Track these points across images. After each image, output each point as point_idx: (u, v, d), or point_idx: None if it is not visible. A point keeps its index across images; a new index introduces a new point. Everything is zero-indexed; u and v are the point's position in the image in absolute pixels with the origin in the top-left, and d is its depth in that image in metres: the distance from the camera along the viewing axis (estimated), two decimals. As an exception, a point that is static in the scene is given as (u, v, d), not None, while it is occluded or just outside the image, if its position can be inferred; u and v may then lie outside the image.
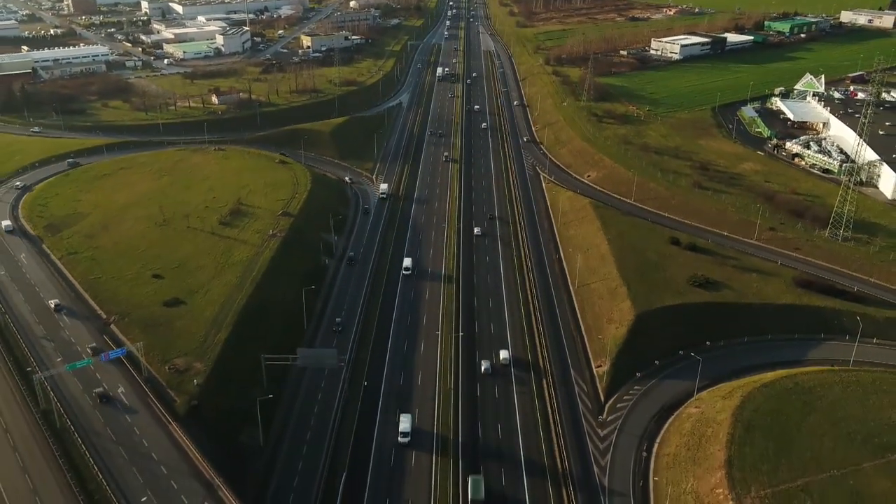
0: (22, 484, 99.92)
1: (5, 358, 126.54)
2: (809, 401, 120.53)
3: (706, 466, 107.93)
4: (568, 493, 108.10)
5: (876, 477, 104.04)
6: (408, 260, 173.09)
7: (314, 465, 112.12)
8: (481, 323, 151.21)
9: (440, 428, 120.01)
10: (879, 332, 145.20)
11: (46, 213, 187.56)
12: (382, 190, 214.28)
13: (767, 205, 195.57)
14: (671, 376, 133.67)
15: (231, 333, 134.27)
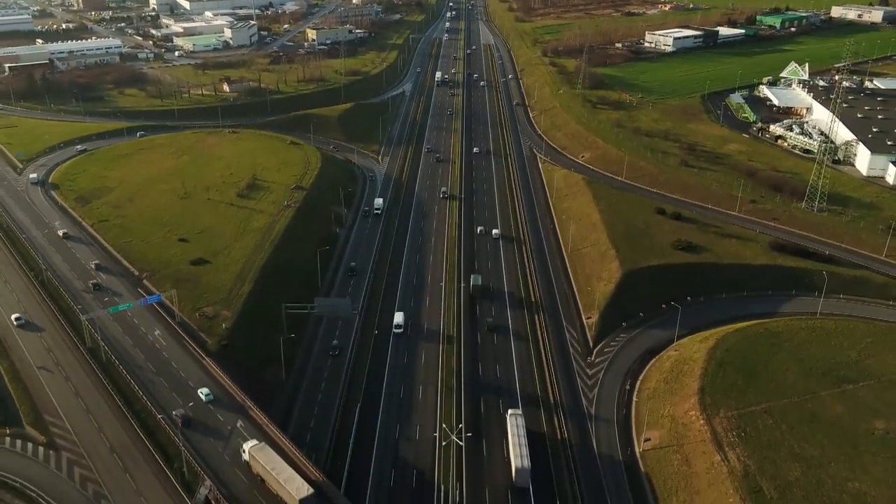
0: (76, 404, 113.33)
1: (52, 308, 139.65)
2: (777, 343, 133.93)
3: (681, 395, 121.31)
4: (559, 419, 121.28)
5: (832, 402, 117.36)
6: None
7: (332, 396, 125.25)
8: (483, 280, 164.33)
9: (444, 361, 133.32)
10: (846, 288, 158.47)
11: (76, 186, 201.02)
12: (377, 205, 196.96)
13: (749, 180, 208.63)
14: (654, 326, 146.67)
15: (254, 287, 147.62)
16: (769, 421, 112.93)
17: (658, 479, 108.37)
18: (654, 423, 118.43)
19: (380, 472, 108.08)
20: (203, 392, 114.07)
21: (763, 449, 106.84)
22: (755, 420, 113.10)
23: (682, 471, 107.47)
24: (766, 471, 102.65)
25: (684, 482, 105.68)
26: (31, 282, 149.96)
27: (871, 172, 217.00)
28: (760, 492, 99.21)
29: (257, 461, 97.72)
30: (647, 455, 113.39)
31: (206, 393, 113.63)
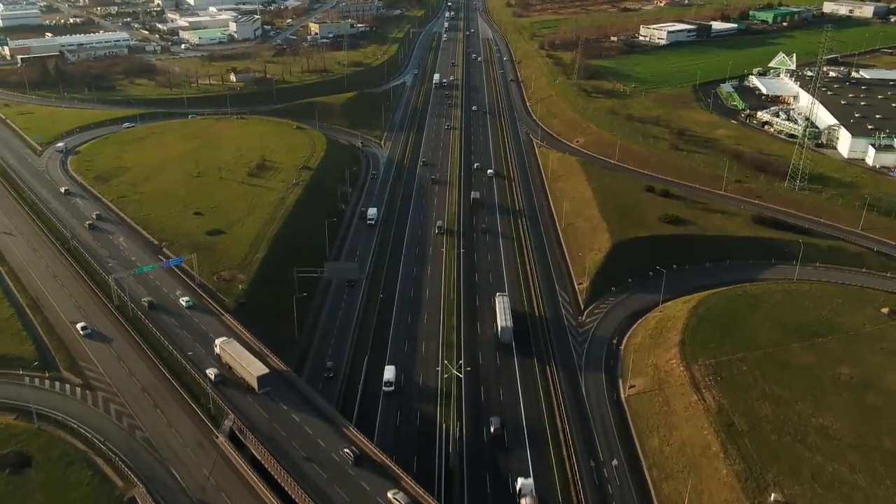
0: (108, 352, 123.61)
1: (79, 271, 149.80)
2: (754, 303, 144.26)
3: (664, 347, 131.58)
4: (551, 371, 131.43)
5: (802, 353, 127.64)
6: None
7: (341, 349, 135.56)
8: (480, 255, 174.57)
9: (445, 327, 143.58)
10: (822, 257, 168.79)
11: (93, 167, 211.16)
12: (371, 216, 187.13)
13: (736, 162, 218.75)
14: (641, 291, 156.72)
15: (267, 254, 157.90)
16: (743, 368, 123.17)
17: (641, 419, 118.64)
18: (638, 372, 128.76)
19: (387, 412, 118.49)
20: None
21: (736, 391, 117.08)
22: (730, 367, 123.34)
23: (663, 410, 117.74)
24: (738, 408, 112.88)
25: (664, 420, 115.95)
26: (59, 250, 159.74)
27: (851, 155, 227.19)
28: (732, 425, 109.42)
29: (226, 352, 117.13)
30: (632, 399, 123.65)
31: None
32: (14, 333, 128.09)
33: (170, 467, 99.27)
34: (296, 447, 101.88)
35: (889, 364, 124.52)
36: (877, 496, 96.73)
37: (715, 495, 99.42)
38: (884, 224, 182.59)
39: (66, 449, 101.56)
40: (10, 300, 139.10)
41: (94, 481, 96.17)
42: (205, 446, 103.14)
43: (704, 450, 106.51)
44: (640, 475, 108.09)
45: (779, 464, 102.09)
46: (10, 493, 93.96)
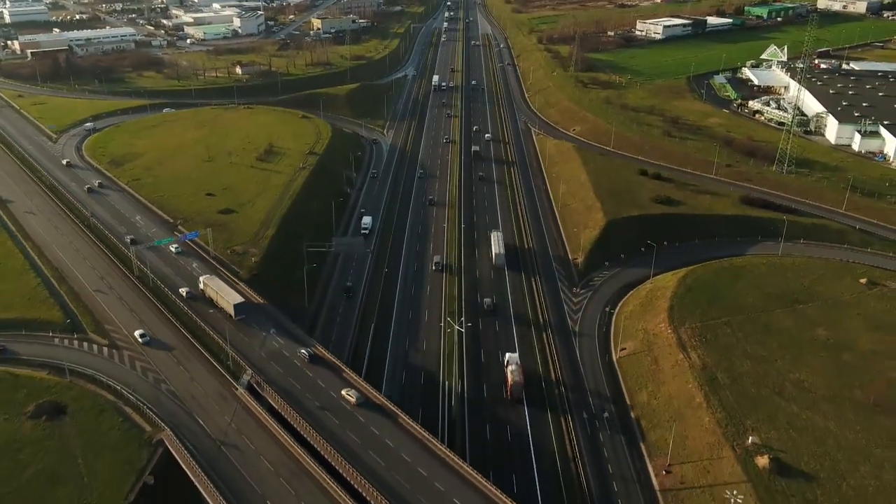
0: (131, 317, 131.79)
1: (100, 245, 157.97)
2: (740, 274, 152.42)
3: (653, 313, 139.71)
4: (547, 335, 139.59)
5: (783, 317, 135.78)
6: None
7: (349, 319, 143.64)
8: (478, 231, 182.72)
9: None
10: (806, 234, 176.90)
11: (107, 152, 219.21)
12: (365, 224, 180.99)
13: (726, 148, 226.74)
14: (633, 265, 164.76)
15: (277, 231, 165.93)
16: (727, 330, 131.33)
17: (631, 377, 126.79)
18: (629, 336, 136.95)
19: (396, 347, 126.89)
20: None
21: (720, 350, 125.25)
22: (715, 330, 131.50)
23: (651, 369, 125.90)
24: (721, 365, 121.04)
25: (652, 377, 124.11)
26: (80, 227, 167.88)
27: (838, 141, 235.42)
28: (715, 380, 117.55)
29: (209, 287, 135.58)
30: (623, 360, 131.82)
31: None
32: (42, 300, 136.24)
33: (194, 415, 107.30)
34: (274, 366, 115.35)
35: (864, 327, 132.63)
36: (846, 439, 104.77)
37: (698, 440, 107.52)
38: (866, 204, 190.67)
39: (97, 399, 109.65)
40: (36, 271, 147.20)
41: (124, 426, 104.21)
42: (226, 397, 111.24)
43: (689, 401, 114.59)
44: (630, 425, 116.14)
45: (757, 412, 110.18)
46: (47, 436, 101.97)
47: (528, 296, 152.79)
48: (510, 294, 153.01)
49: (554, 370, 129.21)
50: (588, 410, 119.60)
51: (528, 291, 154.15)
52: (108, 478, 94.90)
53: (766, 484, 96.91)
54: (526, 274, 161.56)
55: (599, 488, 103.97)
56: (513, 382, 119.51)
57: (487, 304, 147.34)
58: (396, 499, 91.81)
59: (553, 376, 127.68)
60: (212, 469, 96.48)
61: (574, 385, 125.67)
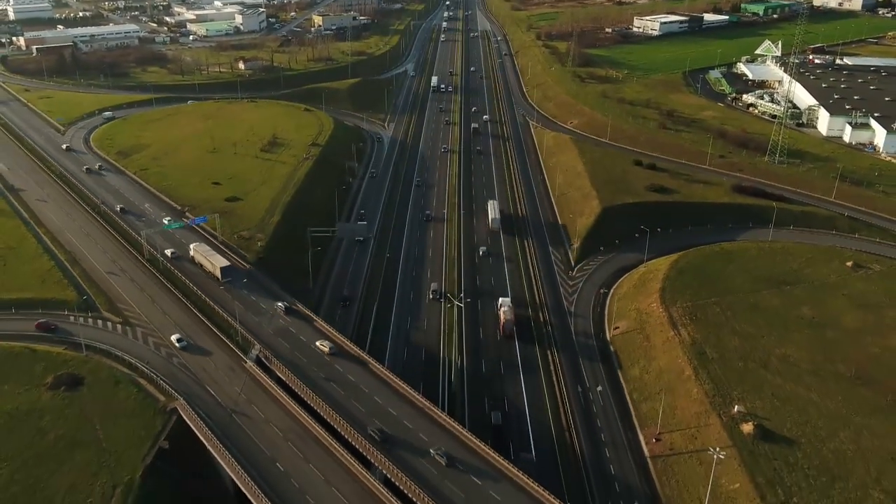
0: (142, 297, 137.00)
1: (111, 231, 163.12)
2: (730, 258, 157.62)
3: (646, 294, 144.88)
4: (544, 315, 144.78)
5: (770, 297, 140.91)
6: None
7: (352, 299, 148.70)
8: (477, 215, 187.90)
9: (447, 287, 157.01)
10: (796, 221, 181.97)
11: (115, 144, 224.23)
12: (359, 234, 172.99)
13: (720, 140, 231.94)
14: (628, 250, 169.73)
15: (282, 217, 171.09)
16: (716, 310, 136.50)
17: (624, 353, 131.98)
18: (622, 316, 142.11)
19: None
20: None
21: (709, 327, 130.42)
22: (705, 309, 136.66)
23: (643, 345, 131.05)
24: (710, 341, 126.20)
25: (644, 353, 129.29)
26: (91, 214, 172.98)
27: (830, 133, 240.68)
28: (704, 354, 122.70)
29: (198, 253, 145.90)
30: (616, 339, 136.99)
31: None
32: (57, 282, 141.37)
33: (206, 386, 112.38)
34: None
35: (849, 307, 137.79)
36: (828, 408, 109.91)
37: (686, 410, 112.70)
38: (855, 192, 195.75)
39: (113, 371, 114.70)
40: (49, 255, 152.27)
41: (139, 396, 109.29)
42: (235, 370, 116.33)
43: (678, 374, 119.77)
44: (622, 398, 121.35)
45: (743, 384, 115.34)
46: (66, 406, 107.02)
47: (525, 279, 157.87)
48: (507, 277, 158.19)
49: (550, 352, 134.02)
50: (582, 385, 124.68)
51: (525, 275, 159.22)
52: (125, 443, 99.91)
53: (751, 448, 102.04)
54: (523, 258, 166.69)
55: (592, 455, 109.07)
56: (505, 320, 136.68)
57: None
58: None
59: (549, 354, 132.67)
60: (224, 435, 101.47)
61: (569, 362, 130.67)
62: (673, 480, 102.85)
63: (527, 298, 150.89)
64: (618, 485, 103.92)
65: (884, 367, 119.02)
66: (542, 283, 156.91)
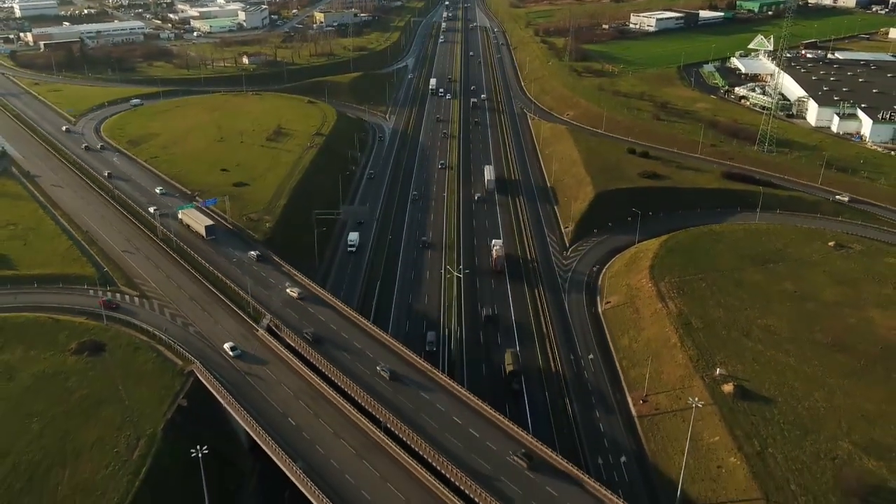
0: (157, 273, 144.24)
1: (126, 215, 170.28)
2: (718, 238, 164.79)
3: (636, 271, 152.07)
4: (539, 290, 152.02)
5: (754, 273, 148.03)
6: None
7: (356, 276, 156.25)
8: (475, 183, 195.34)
9: (446, 238, 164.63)
10: (782, 205, 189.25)
11: (125, 133, 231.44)
12: (352, 240, 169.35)
13: (711, 130, 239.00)
14: (620, 232, 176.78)
15: (288, 201, 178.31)
16: (703, 284, 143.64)
17: (614, 325, 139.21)
18: (613, 291, 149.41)
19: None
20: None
21: (695, 300, 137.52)
22: (692, 284, 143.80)
23: (633, 317, 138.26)
24: (696, 312, 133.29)
25: (633, 324, 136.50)
26: (105, 198, 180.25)
27: (818, 123, 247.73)
28: (690, 324, 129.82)
29: (186, 216, 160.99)
30: (608, 312, 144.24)
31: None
32: (75, 259, 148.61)
33: (220, 351, 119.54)
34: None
35: (828, 282, 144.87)
36: (804, 372, 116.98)
37: (671, 374, 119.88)
38: (841, 179, 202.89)
39: (132, 339, 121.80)
40: (67, 235, 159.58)
41: (158, 360, 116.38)
42: (248, 337, 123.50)
43: (665, 342, 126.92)
44: (612, 365, 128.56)
45: (726, 350, 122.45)
46: (89, 368, 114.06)
47: (522, 258, 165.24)
48: (506, 260, 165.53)
49: (544, 322, 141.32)
50: (575, 353, 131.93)
51: (522, 254, 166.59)
52: (146, 401, 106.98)
53: (731, 406, 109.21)
54: (520, 239, 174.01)
55: (584, 416, 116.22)
56: (496, 256, 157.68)
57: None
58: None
59: (544, 325, 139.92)
60: (238, 394, 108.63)
61: (562, 334, 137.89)
62: (658, 436, 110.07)
63: (523, 275, 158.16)
64: (606, 441, 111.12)
65: (859, 336, 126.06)
66: (538, 262, 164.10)
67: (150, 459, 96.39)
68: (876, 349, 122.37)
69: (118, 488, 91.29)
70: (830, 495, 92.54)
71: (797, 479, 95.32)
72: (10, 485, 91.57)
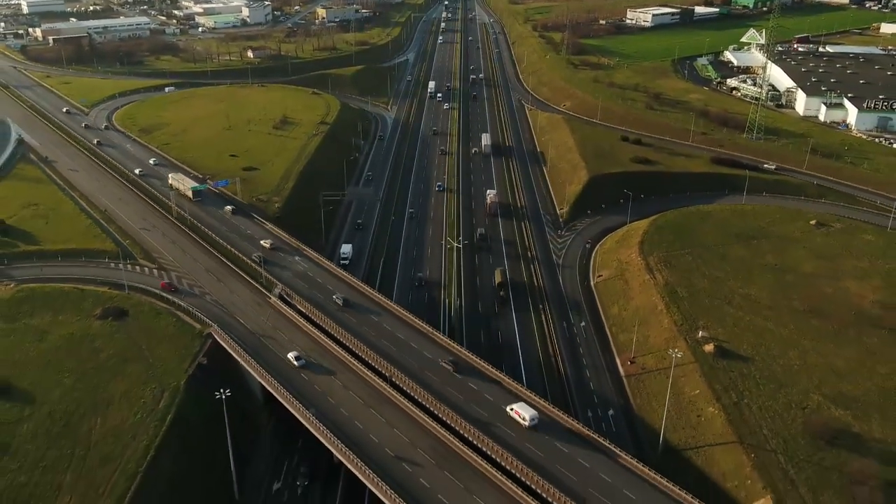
0: (174, 247, 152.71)
1: (141, 196, 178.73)
2: (705, 217, 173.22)
3: (627, 247, 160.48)
4: (535, 267, 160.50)
5: (738, 249, 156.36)
6: None
7: (361, 253, 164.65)
8: (476, 185, 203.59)
9: (444, 213, 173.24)
10: (768, 188, 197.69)
11: (137, 122, 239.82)
12: (344, 253, 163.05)
13: (703, 119, 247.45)
14: (612, 214, 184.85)
15: (296, 184, 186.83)
16: (689, 258, 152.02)
17: (605, 296, 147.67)
18: (605, 266, 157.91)
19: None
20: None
21: (681, 272, 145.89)
22: (679, 258, 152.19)
23: (623, 288, 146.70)
24: (682, 283, 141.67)
25: (623, 294, 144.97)
26: (120, 181, 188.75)
27: (807, 112, 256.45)
28: (675, 293, 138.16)
29: (174, 179, 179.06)
30: (599, 285, 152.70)
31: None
32: (95, 235, 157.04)
33: (236, 316, 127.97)
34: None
35: (808, 257, 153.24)
36: (781, 334, 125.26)
37: (657, 337, 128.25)
38: (825, 164, 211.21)
39: (153, 305, 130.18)
40: (86, 214, 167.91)
41: (177, 325, 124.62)
42: (261, 304, 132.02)
43: (652, 310, 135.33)
44: (603, 332, 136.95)
45: (708, 316, 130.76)
46: (114, 331, 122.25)
47: (518, 235, 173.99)
48: (502, 233, 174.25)
49: (540, 297, 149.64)
50: (568, 322, 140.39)
51: (518, 232, 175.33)
52: (169, 359, 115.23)
53: (711, 364, 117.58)
54: (517, 219, 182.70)
55: (575, 376, 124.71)
56: (490, 202, 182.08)
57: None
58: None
59: (539, 301, 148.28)
60: (254, 352, 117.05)
61: (557, 303, 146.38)
62: (644, 392, 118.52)
63: (518, 251, 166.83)
64: (596, 397, 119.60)
65: (834, 304, 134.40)
66: (534, 241, 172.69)
67: (175, 409, 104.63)
68: (849, 315, 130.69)
69: (147, 432, 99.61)
70: (799, 438, 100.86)
71: (769, 424, 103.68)
72: (49, 429, 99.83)
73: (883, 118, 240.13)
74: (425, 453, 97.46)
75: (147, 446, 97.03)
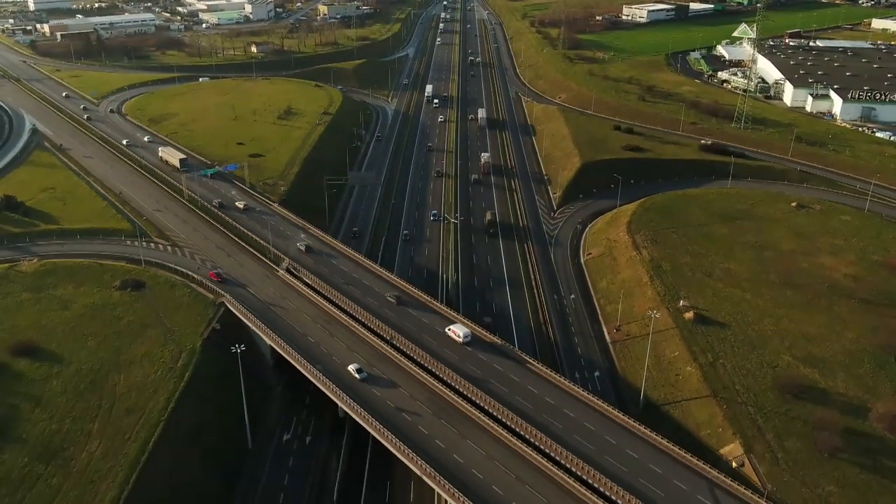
0: (186, 227, 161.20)
1: (154, 181, 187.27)
2: (691, 200, 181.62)
3: (615, 227, 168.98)
4: (529, 244, 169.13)
5: (721, 228, 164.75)
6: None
7: (363, 234, 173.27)
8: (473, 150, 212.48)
9: (445, 210, 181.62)
10: (753, 174, 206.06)
11: (146, 112, 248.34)
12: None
13: (693, 109, 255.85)
14: (603, 198, 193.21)
15: (300, 169, 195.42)
16: (674, 237, 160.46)
17: (594, 272, 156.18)
18: (594, 244, 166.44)
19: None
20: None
21: (666, 249, 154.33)
22: (664, 236, 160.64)
23: (611, 265, 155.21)
24: (666, 258, 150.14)
25: (611, 269, 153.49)
26: (133, 167, 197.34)
27: (794, 103, 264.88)
28: (660, 267, 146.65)
29: (164, 152, 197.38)
30: (589, 262, 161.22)
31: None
32: (111, 216, 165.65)
33: (247, 288, 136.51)
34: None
35: (787, 236, 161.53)
36: (757, 304, 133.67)
37: (641, 307, 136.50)
38: (810, 151, 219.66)
39: (169, 278, 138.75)
40: (101, 197, 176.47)
41: (192, 295, 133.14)
42: (269, 277, 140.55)
43: (638, 282, 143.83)
44: (591, 304, 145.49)
45: (690, 287, 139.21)
46: (133, 301, 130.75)
47: (513, 214, 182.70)
48: (498, 213, 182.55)
49: (533, 273, 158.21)
50: (558, 294, 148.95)
51: (513, 212, 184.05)
52: (185, 325, 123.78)
53: (690, 329, 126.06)
54: (512, 203, 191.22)
55: (564, 342, 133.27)
56: (484, 163, 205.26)
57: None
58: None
59: (532, 277, 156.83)
60: (264, 319, 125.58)
61: (549, 279, 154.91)
62: (628, 356, 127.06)
63: (513, 231, 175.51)
64: (583, 361, 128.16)
65: (809, 277, 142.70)
66: (528, 220, 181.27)
67: (192, 368, 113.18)
68: (823, 287, 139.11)
69: (167, 388, 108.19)
70: (768, 393, 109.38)
71: (742, 381, 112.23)
72: (76, 385, 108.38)
73: (866, 108, 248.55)
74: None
75: (168, 399, 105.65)
